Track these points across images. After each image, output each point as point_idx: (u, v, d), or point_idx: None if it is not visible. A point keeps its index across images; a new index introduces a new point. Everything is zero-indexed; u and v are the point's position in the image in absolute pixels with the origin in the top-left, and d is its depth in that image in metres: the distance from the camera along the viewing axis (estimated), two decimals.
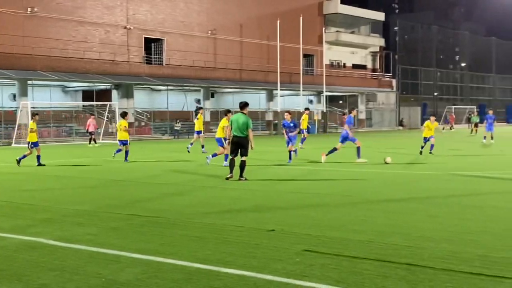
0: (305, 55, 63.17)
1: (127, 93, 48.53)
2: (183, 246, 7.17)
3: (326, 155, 19.73)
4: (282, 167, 18.43)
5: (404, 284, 5.50)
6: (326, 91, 60.34)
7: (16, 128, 36.96)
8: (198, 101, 54.95)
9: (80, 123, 44.97)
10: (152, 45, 53.80)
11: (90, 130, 35.76)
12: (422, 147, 23.04)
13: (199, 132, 25.21)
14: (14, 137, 36.64)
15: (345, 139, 19.70)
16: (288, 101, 61.48)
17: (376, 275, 5.81)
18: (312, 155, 22.98)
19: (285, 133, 20.95)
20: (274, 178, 15.17)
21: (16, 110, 40.42)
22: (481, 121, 48.63)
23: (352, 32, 73.71)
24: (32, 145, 19.67)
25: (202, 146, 25.24)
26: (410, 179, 14.96)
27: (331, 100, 68.36)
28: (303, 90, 56.94)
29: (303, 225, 8.48)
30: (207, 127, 52.70)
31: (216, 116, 53.67)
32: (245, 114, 14.44)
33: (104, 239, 7.67)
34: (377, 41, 76.60)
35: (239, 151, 14.38)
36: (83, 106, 49.01)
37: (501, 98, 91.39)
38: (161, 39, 53.60)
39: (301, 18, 56.74)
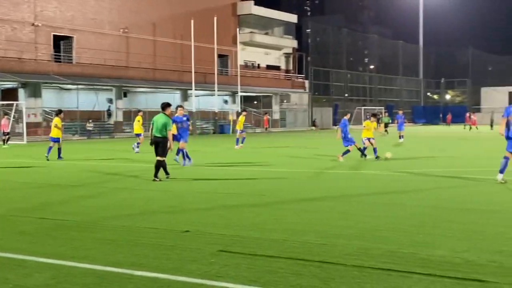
0: (219, 55, 63.24)
1: (35, 92, 46.84)
2: (95, 250, 7.00)
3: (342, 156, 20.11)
4: (196, 167, 18.35)
5: (317, 281, 5.60)
6: (240, 92, 60.67)
7: None
8: (110, 100, 53.84)
9: None
10: (61, 43, 52.17)
11: (5, 130, 34.50)
12: (363, 149, 21.17)
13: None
14: None
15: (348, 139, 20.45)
16: (203, 101, 61.36)
17: (290, 273, 5.89)
18: (227, 156, 23.04)
19: (174, 129, 18.29)
20: (188, 178, 15.08)
21: None
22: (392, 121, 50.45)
23: (266, 33, 74.50)
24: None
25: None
26: (324, 178, 15.28)
27: (246, 100, 68.82)
28: (218, 90, 56.97)
29: (218, 225, 8.48)
30: (120, 128, 51.80)
31: (129, 116, 52.82)
32: (166, 115, 14.57)
33: (12, 243, 7.37)
34: (290, 43, 77.80)
35: (158, 152, 14.37)
36: None
37: (407, 99, 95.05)
38: (71, 37, 52.09)
39: (215, 18, 56.75)
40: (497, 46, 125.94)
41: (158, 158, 14.33)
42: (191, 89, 54.17)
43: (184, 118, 18.77)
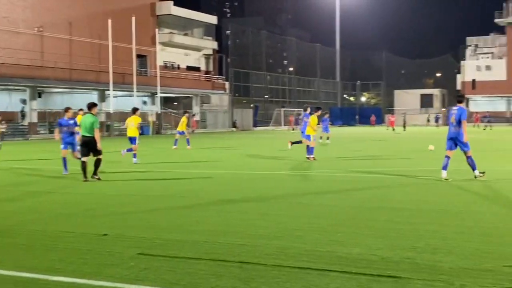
0: (138, 56, 62.29)
1: None
2: (9, 255, 6.76)
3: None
4: (115, 170, 18.02)
5: (237, 282, 5.64)
6: (160, 92, 60.04)
7: None
8: (24, 101, 51.95)
9: None
10: None
11: None
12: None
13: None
14: None
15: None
16: (121, 102, 60.19)
17: (211, 274, 5.90)
18: (149, 157, 22.76)
19: (57, 133, 17.55)
20: (110, 180, 14.79)
21: None
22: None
23: (186, 34, 74.07)
24: None
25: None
26: (245, 179, 15.37)
27: (166, 101, 68.16)
28: (137, 91, 56.12)
29: (137, 228, 8.37)
30: (35, 129, 50.11)
31: (44, 116, 51.18)
32: (93, 114, 14.72)
33: None
34: (210, 44, 77.72)
35: (92, 152, 14.56)
36: None
37: (325, 101, 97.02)
38: None
39: (133, 18, 55.90)
40: (409, 51, 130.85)
41: (99, 157, 14.58)
42: (109, 90, 53.12)
43: (71, 122, 16.73)
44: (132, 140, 20.16)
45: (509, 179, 14.10)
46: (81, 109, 18.84)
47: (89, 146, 14.52)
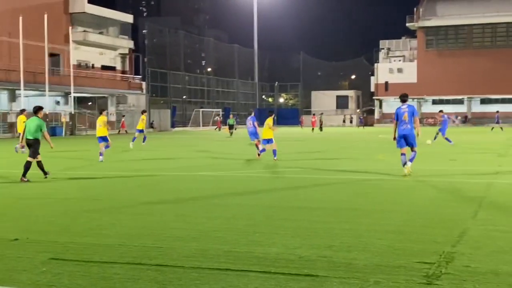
0: (51, 54, 60.34)
1: None
2: None
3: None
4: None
5: (154, 285, 5.55)
6: (74, 92, 58.40)
7: None
8: None
9: None
10: None
11: None
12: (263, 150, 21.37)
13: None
14: None
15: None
16: (33, 101, 58.04)
17: (127, 278, 5.78)
18: (60, 161, 22.09)
19: None
20: (13, 186, 14.22)
21: None
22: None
23: (101, 33, 72.44)
24: None
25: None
26: (160, 180, 15.18)
27: (80, 101, 66.38)
28: (49, 91, 54.35)
29: (49, 232, 8.09)
30: None
31: None
32: (39, 117, 15.14)
33: None
34: (126, 43, 76.36)
35: (30, 154, 14.89)
36: None
37: (244, 101, 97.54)
38: None
39: (45, 15, 54.13)
40: (326, 53, 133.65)
41: (29, 159, 14.77)
42: (20, 89, 51.19)
43: None
44: (102, 139, 21.36)
45: (423, 179, 14.63)
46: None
47: (29, 147, 14.91)
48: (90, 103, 69.79)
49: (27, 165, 14.66)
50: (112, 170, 17.98)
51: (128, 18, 77.08)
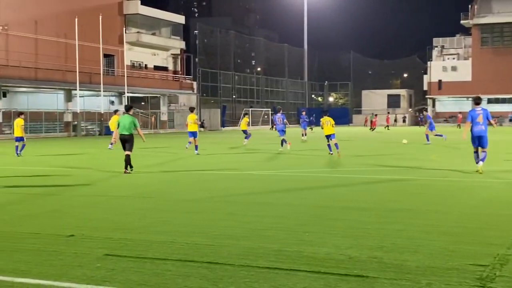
0: (105, 55, 61.71)
1: None
2: None
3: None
4: (82, 170, 17.81)
5: (205, 282, 5.61)
6: (127, 92, 59.54)
7: None
8: None
9: None
10: None
11: None
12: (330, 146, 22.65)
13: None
14: None
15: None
16: (88, 101, 59.56)
17: (178, 275, 5.87)
18: (114, 159, 22.52)
19: None
20: (71, 184, 14.59)
21: None
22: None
23: (153, 34, 73.54)
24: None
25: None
26: (210, 178, 15.31)
27: (133, 101, 67.55)
28: (104, 91, 55.57)
29: (104, 229, 8.28)
30: (0, 129, 49.27)
31: (9, 116, 50.22)
32: (130, 114, 16.71)
33: None
34: (178, 44, 77.30)
35: (126, 148, 16.41)
36: None
37: (293, 101, 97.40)
38: None
39: (100, 17, 55.33)
40: (377, 51, 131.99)
41: (127, 152, 16.30)
42: (76, 89, 52.48)
43: None
44: (192, 134, 24.39)
45: (478, 179, 14.32)
46: (116, 111, 21.02)
47: (126, 143, 16.40)
48: (143, 103, 70.96)
49: (127, 159, 16.27)
50: (165, 168, 18.24)
51: (180, 19, 78.00)
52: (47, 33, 57.01)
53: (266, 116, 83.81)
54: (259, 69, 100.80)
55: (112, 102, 65.11)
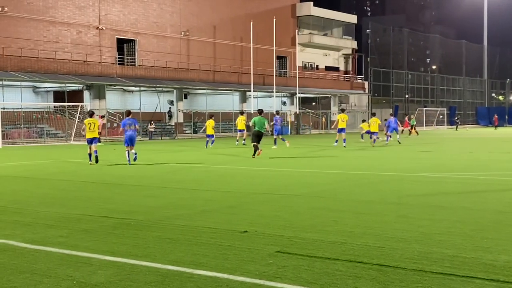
0: (278, 57, 63.34)
1: (99, 94, 48.10)
2: (156, 248, 7.13)
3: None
4: (254, 168, 18.42)
5: (376, 285, 5.55)
6: (299, 93, 60.58)
7: None
8: (172, 102, 54.72)
9: (51, 124, 44.46)
10: (124, 46, 53.38)
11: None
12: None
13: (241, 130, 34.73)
14: None
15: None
16: (261, 102, 61.59)
17: (348, 275, 5.86)
18: (282, 156, 23.01)
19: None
20: (246, 177, 15.14)
21: None
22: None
23: (325, 35, 74.12)
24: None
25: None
26: (378, 180, 15.05)
27: (304, 101, 68.64)
28: (276, 92, 57.08)
29: (276, 226, 8.50)
30: (181, 129, 52.62)
31: (190, 117, 53.49)
32: (262, 116, 23.21)
33: (76, 241, 7.59)
34: (350, 44, 77.14)
35: (258, 141, 22.39)
36: (54, 107, 48.40)
37: (471, 100, 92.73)
38: (134, 40, 53.24)
39: (274, 20, 56.89)
40: None
41: (256, 144, 22.28)
42: (250, 91, 54.45)
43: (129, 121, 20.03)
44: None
45: None
46: (241, 112, 25.61)
47: (259, 137, 22.51)
48: (314, 103, 71.76)
49: (256, 148, 22.10)
50: (336, 168, 18.30)
51: (352, 18, 77.75)
52: (224, 37, 59.85)
53: (441, 116, 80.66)
54: (434, 67, 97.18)
55: (284, 103, 66.60)
